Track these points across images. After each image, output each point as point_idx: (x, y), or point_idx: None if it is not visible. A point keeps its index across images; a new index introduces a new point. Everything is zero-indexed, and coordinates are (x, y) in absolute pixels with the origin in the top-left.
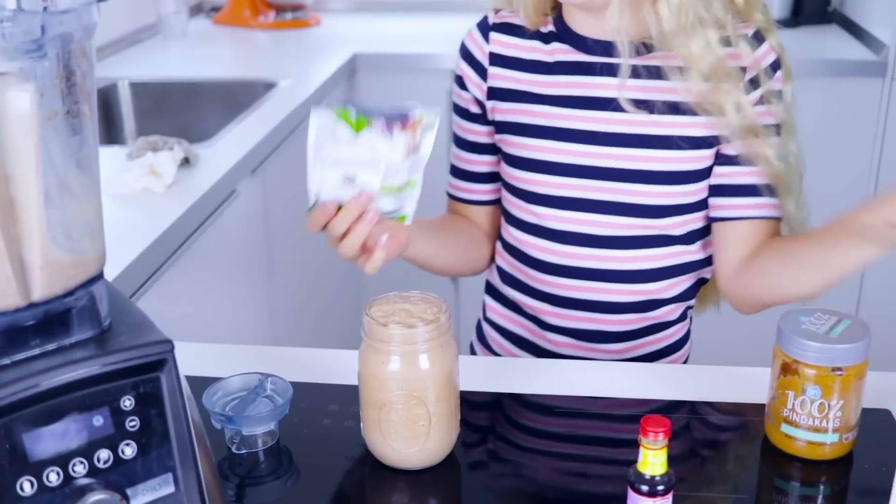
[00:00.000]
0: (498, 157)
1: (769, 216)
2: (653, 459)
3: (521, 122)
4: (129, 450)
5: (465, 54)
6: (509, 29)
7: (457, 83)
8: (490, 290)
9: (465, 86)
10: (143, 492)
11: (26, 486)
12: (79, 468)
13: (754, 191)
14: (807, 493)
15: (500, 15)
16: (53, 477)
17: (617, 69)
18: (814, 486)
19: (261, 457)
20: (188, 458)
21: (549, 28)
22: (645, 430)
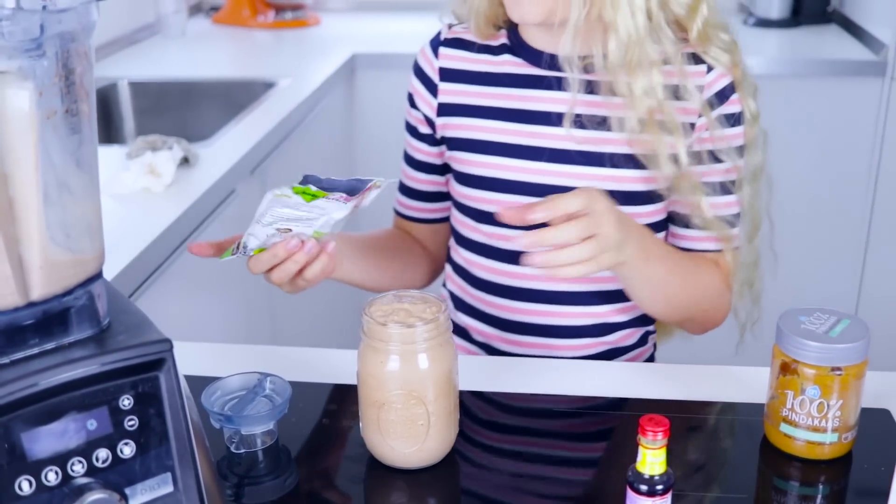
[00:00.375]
0: (446, 178)
1: (714, 249)
2: (652, 459)
3: (470, 137)
4: (127, 449)
5: (417, 71)
6: (459, 43)
7: (408, 100)
8: None
9: (415, 104)
10: (142, 491)
11: (25, 486)
12: (77, 467)
13: (725, 189)
14: (806, 492)
15: (452, 31)
16: (52, 476)
17: (568, 84)
18: (813, 486)
19: (259, 456)
20: (187, 458)
21: (500, 41)
22: (644, 430)
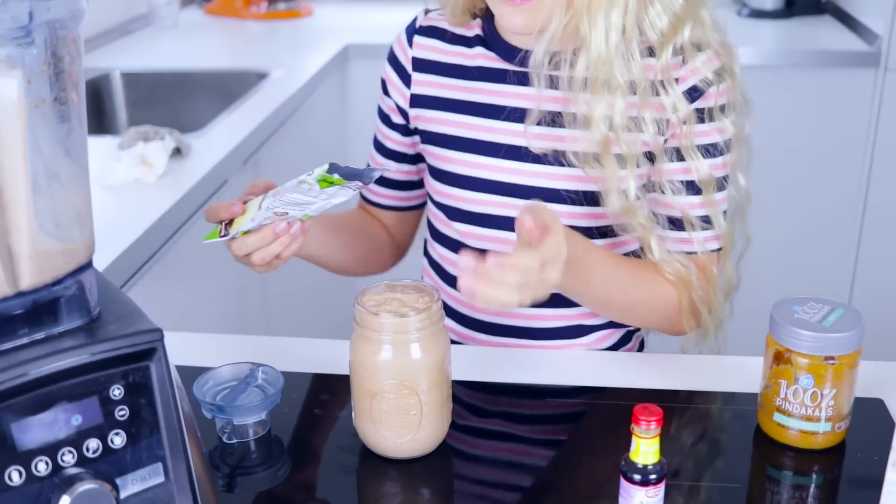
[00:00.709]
0: (417, 168)
1: (690, 251)
2: (645, 448)
3: (443, 132)
4: (118, 439)
5: (391, 58)
6: (434, 32)
7: (381, 87)
8: None
9: (388, 92)
10: (133, 482)
11: (14, 476)
12: (68, 458)
13: (679, 224)
14: (799, 482)
15: (428, 17)
16: (42, 467)
17: (543, 81)
18: (806, 475)
19: (252, 447)
20: (178, 448)
21: (475, 32)
22: (637, 419)
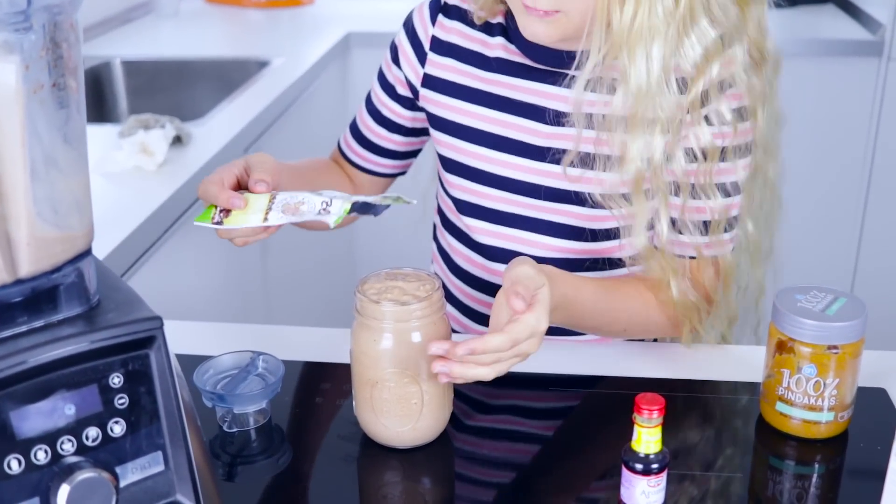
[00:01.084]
0: (407, 140)
1: (694, 256)
2: (647, 437)
3: (454, 120)
4: (118, 428)
5: (409, 30)
6: (458, 14)
7: (391, 53)
8: None
9: (398, 61)
10: (133, 470)
11: (14, 465)
12: (67, 446)
13: (703, 228)
14: (802, 471)
15: None
16: (41, 455)
17: (561, 79)
18: (809, 465)
19: (252, 435)
20: (178, 437)
21: (498, 19)
22: (639, 408)
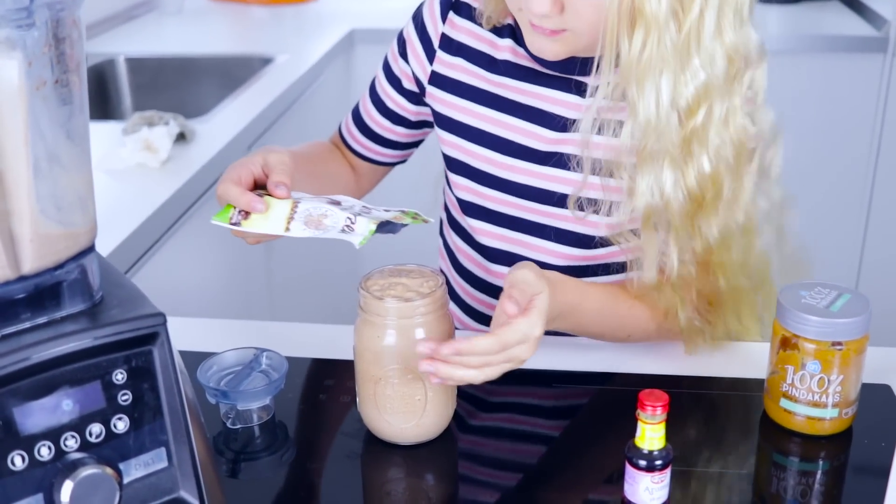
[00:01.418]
0: (409, 132)
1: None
2: (651, 434)
3: (459, 120)
4: (121, 424)
5: (419, 24)
6: (469, 12)
7: (398, 46)
8: None
9: (406, 55)
10: (136, 466)
11: (17, 461)
12: (70, 442)
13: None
14: (806, 468)
15: None
16: (45, 451)
17: (569, 85)
18: (813, 462)
19: (256, 432)
20: (181, 433)
21: (508, 20)
22: (643, 405)
